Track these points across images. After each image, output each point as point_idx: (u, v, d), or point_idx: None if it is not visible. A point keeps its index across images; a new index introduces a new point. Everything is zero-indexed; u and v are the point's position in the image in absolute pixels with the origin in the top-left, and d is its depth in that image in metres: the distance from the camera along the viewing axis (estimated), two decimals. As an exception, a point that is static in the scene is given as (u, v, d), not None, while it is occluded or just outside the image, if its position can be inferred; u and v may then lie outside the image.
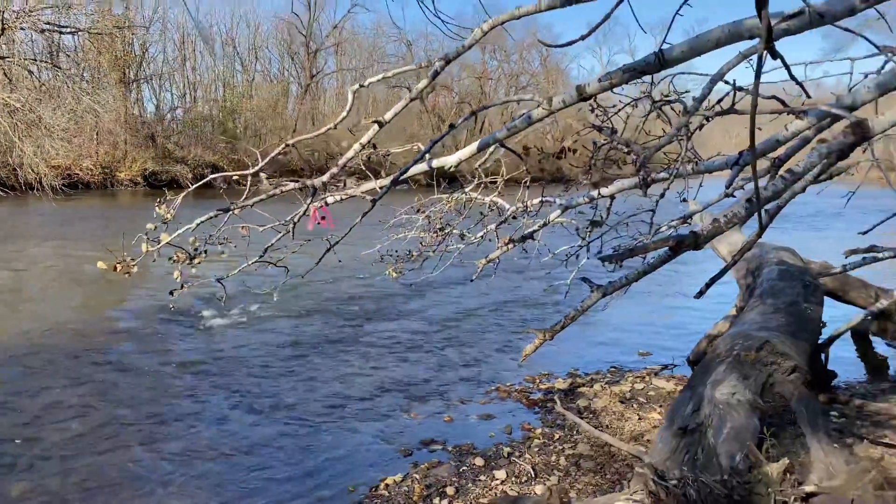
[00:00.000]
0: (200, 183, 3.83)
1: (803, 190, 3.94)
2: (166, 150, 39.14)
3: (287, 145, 3.56)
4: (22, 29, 23.83)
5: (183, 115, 44.00)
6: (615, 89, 3.57)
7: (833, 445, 2.91)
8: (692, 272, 12.49)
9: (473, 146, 3.78)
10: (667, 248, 3.03)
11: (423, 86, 3.41)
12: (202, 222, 3.63)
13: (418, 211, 5.12)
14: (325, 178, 3.46)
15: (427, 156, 4.05)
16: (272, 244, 3.80)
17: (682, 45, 2.96)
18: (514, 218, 4.81)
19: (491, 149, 4.89)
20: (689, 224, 5.76)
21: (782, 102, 3.40)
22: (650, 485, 2.36)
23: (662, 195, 4.00)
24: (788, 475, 2.50)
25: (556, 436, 5.44)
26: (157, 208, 3.74)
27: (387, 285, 11.20)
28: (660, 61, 2.91)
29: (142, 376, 6.88)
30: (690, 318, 9.40)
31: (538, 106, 3.51)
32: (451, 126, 3.66)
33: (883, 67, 3.47)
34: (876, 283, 8.08)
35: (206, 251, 3.86)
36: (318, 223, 3.76)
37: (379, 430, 5.65)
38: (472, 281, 5.20)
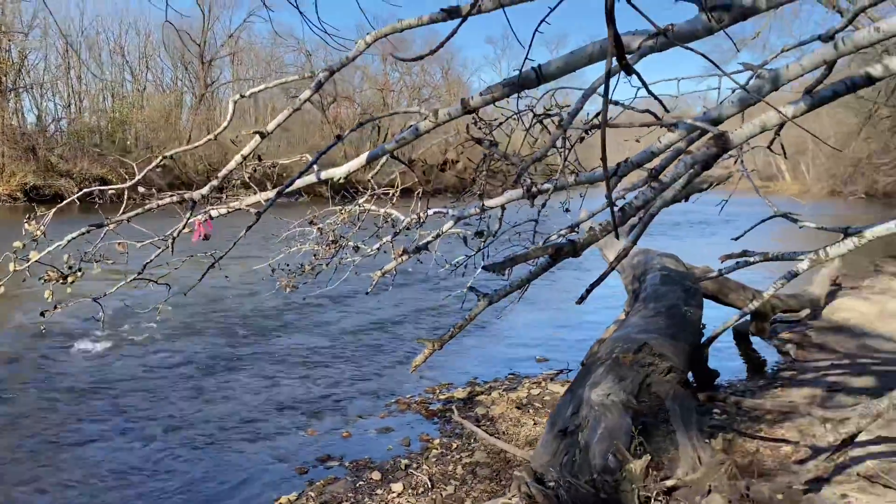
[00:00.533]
0: (74, 197, 3.63)
1: (685, 199, 4.13)
2: (49, 163, 36.82)
3: (165, 157, 3.42)
4: None
5: (68, 126, 41.60)
6: (503, 102, 3.67)
7: (704, 441, 3.07)
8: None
9: (362, 158, 3.78)
10: (547, 256, 3.12)
11: (307, 97, 3.36)
12: (73, 238, 3.44)
13: (311, 223, 5.04)
14: (204, 190, 3.34)
15: (315, 167, 4.01)
16: (150, 261, 3.64)
17: (559, 60, 3.07)
18: (408, 229, 4.82)
19: (383, 160, 4.90)
20: (577, 232, 5.98)
21: (654, 115, 3.58)
22: (524, 488, 2.41)
23: (543, 205, 4.12)
24: (653, 471, 2.61)
25: (454, 445, 5.48)
26: (26, 225, 3.52)
27: (284, 300, 10.92)
28: (538, 76, 3.01)
29: (22, 403, 6.42)
30: (588, 324, 9.68)
31: (425, 118, 3.56)
32: (338, 138, 3.63)
33: (747, 83, 3.72)
34: (756, 286, 8.64)
35: (80, 269, 3.66)
36: (204, 238, 3.64)
37: (274, 448, 5.51)
38: (367, 293, 5.17)
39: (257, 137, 3.36)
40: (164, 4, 3.91)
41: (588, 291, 3.71)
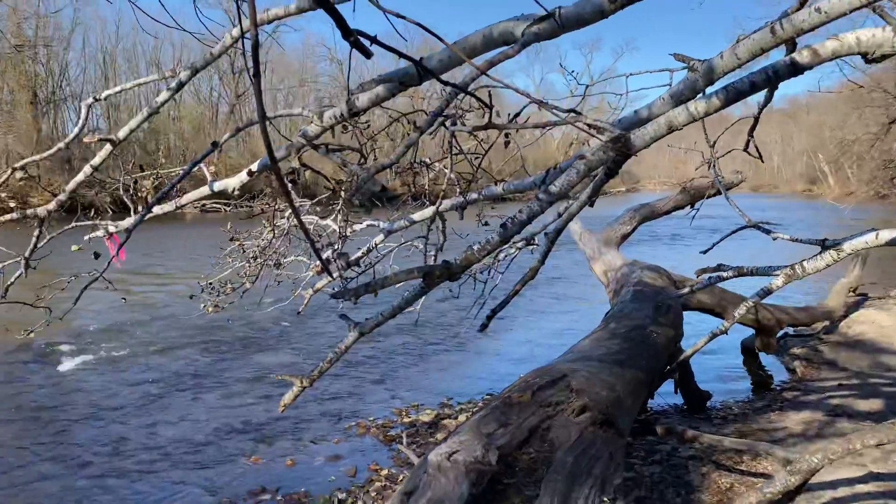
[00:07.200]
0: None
1: (590, 204, 3.60)
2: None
3: (14, 169, 3.09)
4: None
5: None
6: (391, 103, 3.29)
7: (603, 499, 2.57)
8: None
9: (254, 167, 3.46)
10: (420, 280, 2.68)
11: (165, 98, 3.01)
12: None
13: (232, 239, 4.67)
14: (51, 206, 3.01)
15: (208, 179, 3.67)
16: (12, 282, 3.29)
17: (441, 53, 2.67)
18: (331, 244, 4.42)
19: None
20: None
21: (554, 112, 3.12)
22: None
23: (432, 219, 3.67)
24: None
25: (401, 477, 5.03)
26: None
27: (256, 315, 10.21)
28: (420, 72, 2.62)
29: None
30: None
31: (310, 122, 3.20)
32: (214, 145, 3.25)
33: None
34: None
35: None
36: (116, 258, 3.30)
37: (208, 478, 5.14)
38: (299, 314, 4.77)
39: (107, 146, 3.01)
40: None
41: (489, 318, 3.25)
